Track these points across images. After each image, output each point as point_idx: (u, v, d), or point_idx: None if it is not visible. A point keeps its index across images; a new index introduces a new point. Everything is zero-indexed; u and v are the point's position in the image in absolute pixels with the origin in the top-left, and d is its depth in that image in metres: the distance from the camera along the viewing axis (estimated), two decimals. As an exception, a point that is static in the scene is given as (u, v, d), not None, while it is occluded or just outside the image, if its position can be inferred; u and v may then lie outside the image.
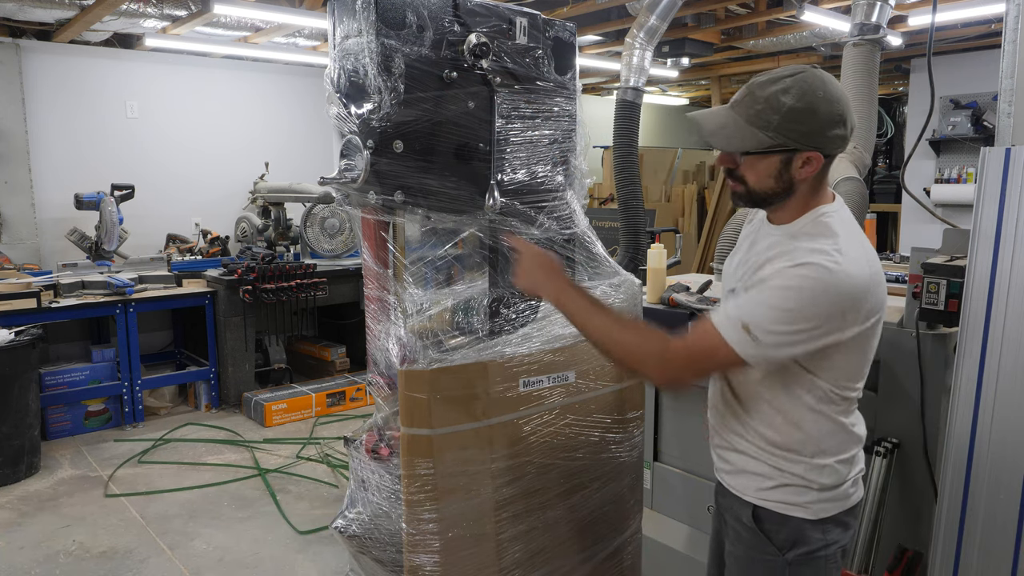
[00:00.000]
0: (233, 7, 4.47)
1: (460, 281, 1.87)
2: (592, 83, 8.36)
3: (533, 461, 1.71)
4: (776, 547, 1.49)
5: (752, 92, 1.39)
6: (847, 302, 1.33)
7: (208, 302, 5.11)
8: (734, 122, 1.40)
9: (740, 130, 1.39)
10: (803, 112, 1.35)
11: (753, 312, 1.34)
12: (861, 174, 2.80)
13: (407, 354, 1.58)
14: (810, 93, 1.36)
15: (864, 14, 2.90)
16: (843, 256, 1.33)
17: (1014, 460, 1.86)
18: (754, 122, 1.38)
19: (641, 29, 3.29)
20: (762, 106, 1.37)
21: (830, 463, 1.47)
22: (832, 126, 1.38)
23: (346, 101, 1.60)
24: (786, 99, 1.35)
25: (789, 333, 1.33)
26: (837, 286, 1.32)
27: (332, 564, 3.14)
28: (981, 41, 6.34)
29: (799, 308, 1.32)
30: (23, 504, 3.73)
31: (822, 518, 1.48)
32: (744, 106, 1.39)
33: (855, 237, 1.42)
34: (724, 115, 1.42)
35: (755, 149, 1.40)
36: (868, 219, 4.20)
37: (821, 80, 1.38)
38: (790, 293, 1.32)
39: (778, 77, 1.38)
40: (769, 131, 1.37)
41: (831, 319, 1.33)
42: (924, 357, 2.09)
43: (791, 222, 1.46)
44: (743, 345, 1.34)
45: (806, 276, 1.32)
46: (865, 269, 1.36)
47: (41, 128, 5.36)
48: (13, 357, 3.93)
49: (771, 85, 1.37)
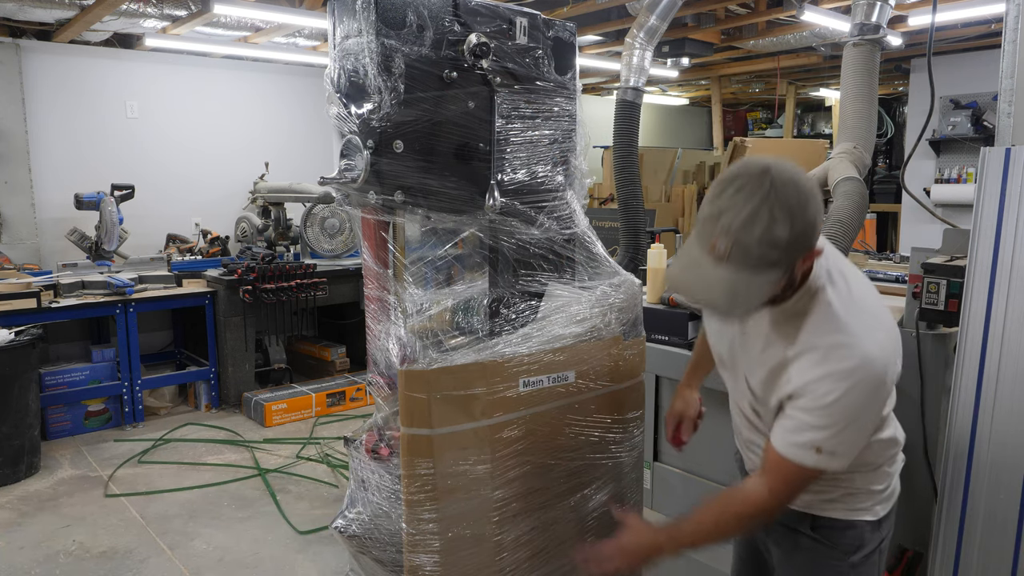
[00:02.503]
0: (233, 7, 4.47)
1: (460, 281, 1.87)
2: (592, 83, 8.36)
3: (533, 461, 1.71)
4: (842, 552, 1.53)
5: (738, 240, 1.23)
6: (886, 386, 1.37)
7: (208, 302, 5.11)
8: (741, 279, 1.26)
9: (752, 285, 1.27)
10: (800, 231, 1.24)
11: (814, 435, 1.34)
12: (861, 174, 2.79)
13: (407, 354, 1.58)
14: (795, 209, 1.23)
15: (864, 14, 2.90)
16: (862, 347, 1.32)
17: (1014, 460, 1.86)
18: (760, 268, 1.25)
19: (641, 29, 3.29)
20: (760, 251, 1.23)
21: (883, 469, 1.54)
22: (820, 216, 1.29)
23: (346, 101, 1.60)
24: (780, 231, 1.22)
25: (857, 435, 1.37)
26: (871, 382, 1.33)
27: (332, 564, 3.14)
28: (981, 41, 6.35)
29: (853, 415, 1.33)
30: (23, 504, 3.73)
31: (880, 517, 1.54)
32: (739, 260, 1.24)
33: (858, 307, 1.38)
34: (725, 278, 1.26)
35: (772, 290, 1.30)
36: (868, 219, 4.19)
37: (792, 183, 1.24)
38: (838, 408, 1.32)
39: (753, 211, 1.22)
40: (778, 267, 1.26)
41: (880, 403, 1.38)
42: (924, 357, 2.09)
43: (784, 302, 1.39)
44: (826, 463, 1.36)
45: (841, 385, 1.31)
46: (883, 343, 1.36)
47: (41, 128, 5.36)
48: (13, 357, 3.93)
49: (754, 225, 1.22)
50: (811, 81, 8.80)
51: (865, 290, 1.44)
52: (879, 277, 2.84)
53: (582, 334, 1.75)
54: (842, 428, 1.33)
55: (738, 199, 1.24)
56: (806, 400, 1.35)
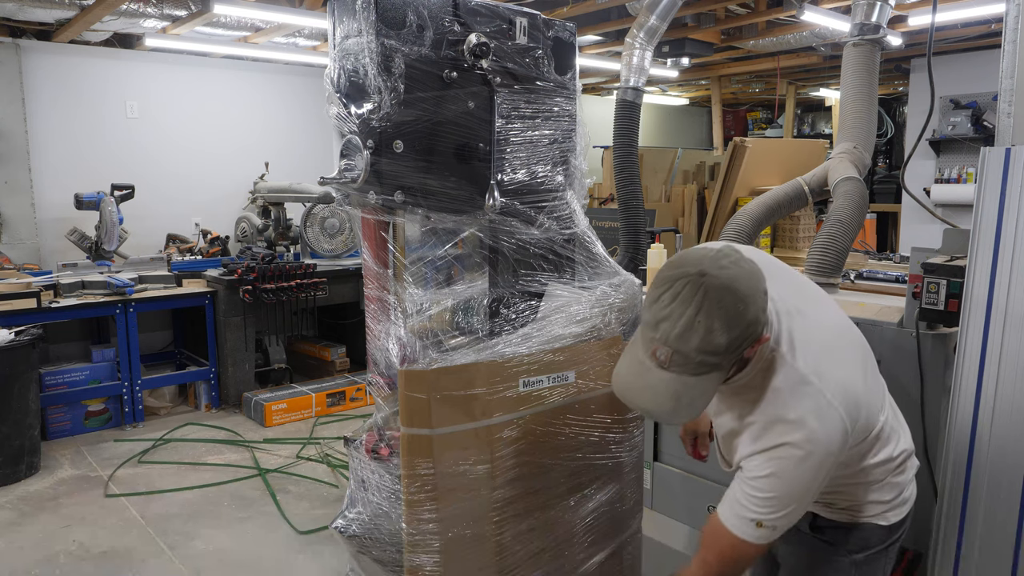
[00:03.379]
0: (233, 7, 4.47)
1: (460, 281, 1.87)
2: (592, 83, 8.36)
3: (533, 461, 1.71)
4: (846, 550, 1.53)
5: (678, 351, 1.23)
6: (832, 456, 1.32)
7: (208, 302, 5.11)
8: (684, 385, 1.26)
9: (695, 388, 1.27)
10: (740, 334, 1.24)
11: (756, 509, 1.32)
12: (861, 174, 2.79)
13: (407, 354, 1.58)
14: (731, 313, 1.22)
15: (864, 14, 2.90)
16: (802, 423, 1.30)
17: (1014, 460, 1.86)
18: (701, 372, 1.25)
19: (641, 29, 3.29)
20: (700, 358, 1.23)
21: (887, 481, 1.51)
22: (763, 311, 1.28)
23: (346, 101, 1.60)
24: (718, 338, 1.22)
25: (799, 508, 1.34)
26: (811, 459, 1.30)
27: (332, 564, 3.14)
28: (981, 41, 6.35)
29: (793, 492, 1.31)
30: (23, 504, 3.73)
31: (892, 523, 1.53)
32: (680, 367, 1.25)
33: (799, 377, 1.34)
34: (668, 383, 1.27)
35: (717, 387, 1.30)
36: (868, 219, 4.19)
37: (727, 288, 1.23)
38: (776, 482, 1.31)
39: (689, 320, 1.22)
40: (721, 368, 1.27)
41: (826, 474, 1.33)
42: (924, 357, 2.09)
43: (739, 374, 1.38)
44: (766, 537, 1.34)
45: (777, 463, 1.30)
46: (827, 412, 1.31)
47: (41, 128, 5.36)
48: (13, 357, 3.93)
49: (691, 335, 1.22)
50: (811, 81, 8.80)
51: (821, 356, 1.37)
52: (879, 277, 2.84)
53: (582, 334, 1.75)
54: (784, 503, 1.32)
55: (674, 308, 1.23)
56: (747, 472, 1.35)
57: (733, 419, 1.41)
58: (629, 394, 1.36)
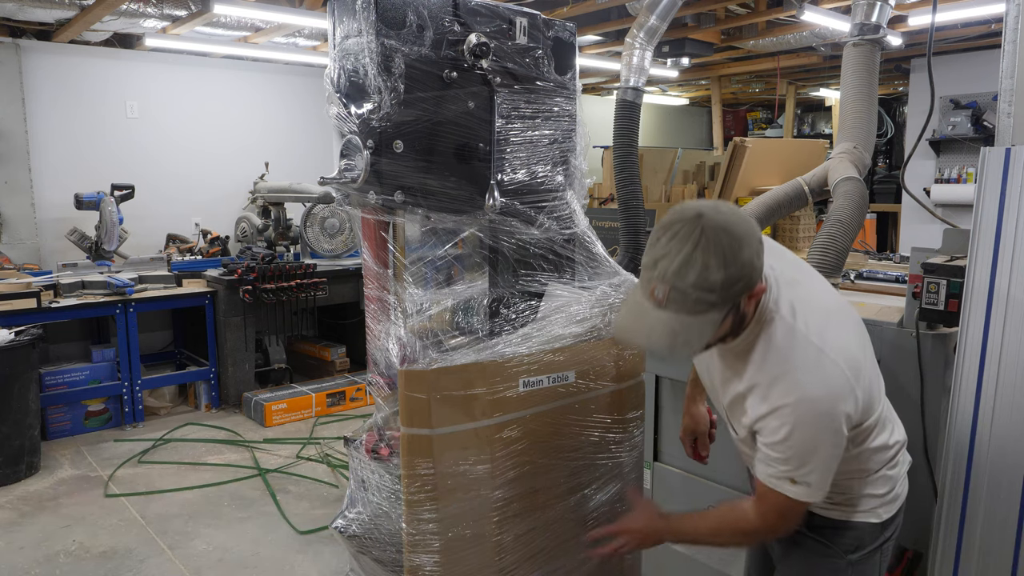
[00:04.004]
0: (233, 7, 4.47)
1: (460, 281, 1.87)
2: (592, 83, 8.36)
3: (533, 461, 1.71)
4: (841, 550, 1.55)
5: (675, 287, 1.27)
6: (835, 419, 1.35)
7: (208, 302, 5.11)
8: (680, 323, 1.29)
9: (692, 327, 1.30)
10: (735, 274, 1.27)
11: (783, 468, 1.38)
12: (861, 174, 2.79)
13: (407, 354, 1.58)
14: (727, 252, 1.26)
15: (864, 14, 2.89)
16: (801, 383, 1.34)
17: (1014, 460, 1.86)
18: (698, 311, 1.28)
19: (641, 29, 3.29)
20: (696, 295, 1.26)
21: (882, 473, 1.54)
22: (759, 256, 1.31)
23: (346, 101, 1.60)
24: (714, 275, 1.25)
25: (824, 465, 1.37)
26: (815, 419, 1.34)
27: (332, 564, 3.14)
28: (981, 41, 6.35)
29: (807, 449, 1.35)
30: (23, 504, 3.73)
31: (884, 520, 1.55)
32: (677, 303, 1.28)
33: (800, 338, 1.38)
34: (665, 321, 1.30)
35: (714, 331, 1.33)
36: (868, 219, 4.19)
37: (723, 229, 1.27)
38: (790, 444, 1.35)
39: (687, 257, 1.26)
40: (717, 308, 1.29)
41: (833, 435, 1.36)
42: (924, 357, 2.09)
43: (738, 336, 1.41)
44: (803, 494, 1.39)
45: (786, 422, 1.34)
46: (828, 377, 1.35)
47: (41, 128, 5.36)
48: (13, 357, 3.93)
49: (688, 271, 1.25)
50: (811, 81, 8.80)
51: (821, 321, 1.41)
52: (879, 277, 2.84)
53: (582, 334, 1.75)
54: (802, 461, 1.36)
55: (672, 246, 1.28)
56: (762, 436, 1.40)
57: (739, 383, 1.44)
58: (627, 335, 1.39)
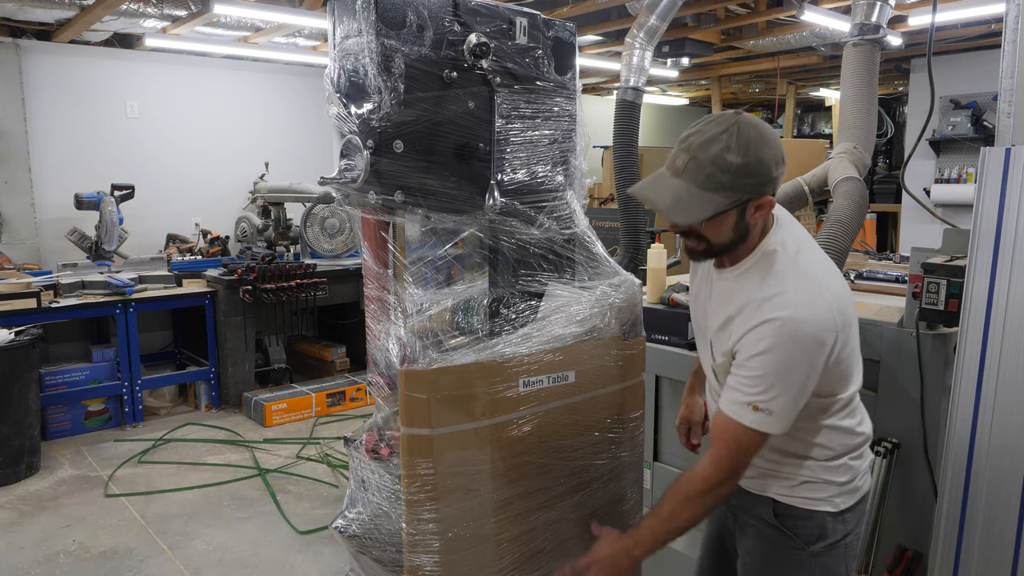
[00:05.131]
0: (233, 7, 4.47)
1: (460, 281, 1.87)
2: (592, 83, 8.36)
3: (533, 461, 1.71)
4: (803, 542, 1.56)
5: (695, 157, 1.38)
6: (819, 348, 1.39)
7: (208, 302, 5.11)
8: (688, 192, 1.39)
9: (696, 198, 1.39)
10: (750, 165, 1.37)
11: (750, 391, 1.41)
12: (861, 174, 2.79)
13: (407, 354, 1.58)
14: (751, 144, 1.37)
15: (864, 14, 2.90)
16: (791, 304, 1.38)
17: (1014, 460, 1.86)
18: (707, 187, 1.38)
19: (641, 29, 3.29)
20: (710, 169, 1.37)
21: (844, 462, 1.56)
22: (776, 167, 1.41)
23: (346, 101, 1.60)
24: (732, 157, 1.36)
25: (790, 393, 1.40)
26: (798, 340, 1.37)
27: (332, 564, 3.14)
28: (981, 41, 6.35)
29: (782, 369, 1.38)
30: (23, 504, 3.73)
31: (842, 510, 1.56)
32: (692, 173, 1.39)
33: (800, 269, 1.45)
34: (676, 187, 1.41)
35: (715, 212, 1.41)
36: (868, 219, 4.19)
37: (754, 126, 1.39)
38: (767, 359, 1.39)
39: (715, 135, 1.37)
40: (724, 192, 1.38)
41: (810, 364, 1.40)
42: (924, 357, 2.09)
43: (739, 263, 1.51)
44: (762, 423, 1.41)
45: (768, 336, 1.38)
46: (817, 308, 1.40)
47: (41, 128, 5.36)
48: (13, 357, 3.93)
49: (712, 145, 1.37)
50: (811, 81, 8.80)
51: (817, 264, 1.49)
52: (879, 277, 2.84)
53: (582, 334, 1.75)
54: (773, 382, 1.38)
55: (706, 127, 1.40)
56: (741, 355, 1.43)
57: (731, 306, 1.48)
58: (639, 190, 1.49)
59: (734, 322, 1.46)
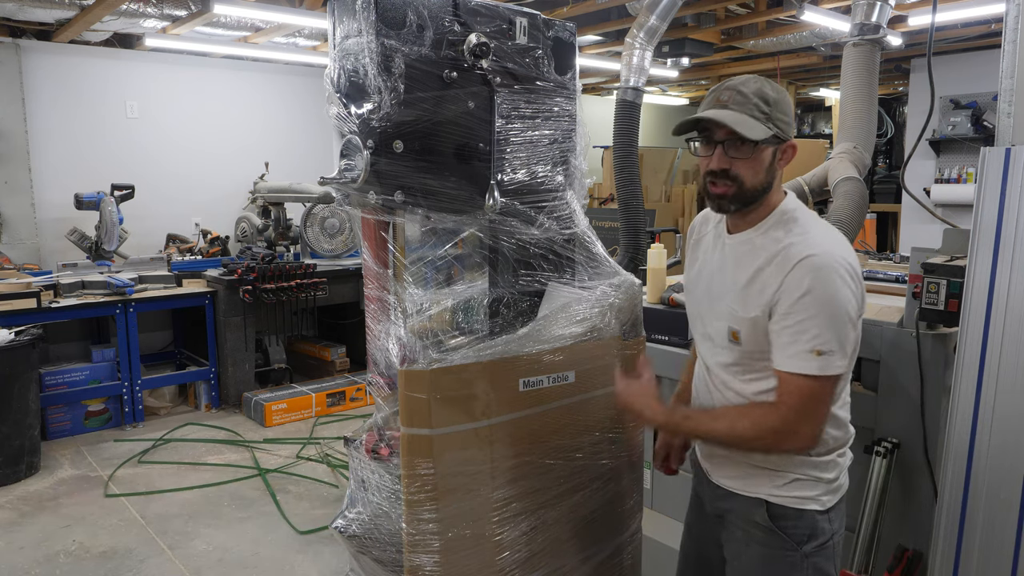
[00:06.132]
0: (233, 7, 4.47)
1: (460, 281, 1.87)
2: (592, 83, 8.36)
3: (533, 461, 1.71)
4: (795, 542, 1.55)
5: (739, 91, 1.49)
6: (851, 274, 1.43)
7: (208, 302, 5.11)
8: (737, 117, 1.47)
9: (745, 122, 1.46)
10: (782, 102, 1.50)
11: (806, 338, 1.41)
12: (861, 174, 2.79)
13: (407, 354, 1.58)
14: (780, 92, 1.52)
15: (864, 14, 2.90)
16: (817, 240, 1.45)
17: (1014, 460, 1.86)
18: (756, 115, 1.47)
19: (641, 29, 3.29)
20: (756, 100, 1.47)
21: (833, 458, 1.56)
22: (792, 114, 1.54)
23: (346, 101, 1.60)
24: (770, 93, 1.49)
25: (840, 323, 1.41)
26: (832, 267, 1.41)
27: (332, 564, 3.14)
28: (981, 41, 6.35)
29: (827, 301, 1.40)
30: (23, 504, 3.73)
31: (827, 508, 1.56)
32: (739, 104, 1.48)
33: (821, 222, 1.55)
34: (726, 114, 1.48)
35: (763, 138, 1.47)
36: (868, 219, 4.19)
37: (777, 86, 1.54)
38: (812, 298, 1.40)
39: (748, 78, 1.51)
40: (768, 123, 1.47)
41: (853, 292, 1.43)
42: (924, 357, 2.09)
43: (758, 224, 1.54)
44: (828, 367, 1.41)
45: (806, 274, 1.41)
46: (843, 242, 1.50)
47: (41, 128, 5.36)
48: (13, 357, 3.93)
49: (750, 83, 1.50)
50: (811, 81, 8.80)
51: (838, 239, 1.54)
52: (879, 277, 2.84)
53: (582, 334, 1.75)
54: (825, 320, 1.39)
55: (739, 78, 1.53)
56: (784, 303, 1.43)
57: (758, 261, 1.50)
58: (698, 115, 1.54)
59: (764, 272, 1.48)
